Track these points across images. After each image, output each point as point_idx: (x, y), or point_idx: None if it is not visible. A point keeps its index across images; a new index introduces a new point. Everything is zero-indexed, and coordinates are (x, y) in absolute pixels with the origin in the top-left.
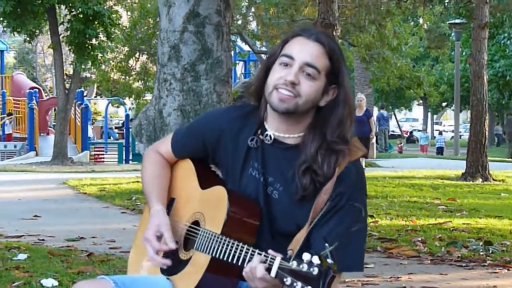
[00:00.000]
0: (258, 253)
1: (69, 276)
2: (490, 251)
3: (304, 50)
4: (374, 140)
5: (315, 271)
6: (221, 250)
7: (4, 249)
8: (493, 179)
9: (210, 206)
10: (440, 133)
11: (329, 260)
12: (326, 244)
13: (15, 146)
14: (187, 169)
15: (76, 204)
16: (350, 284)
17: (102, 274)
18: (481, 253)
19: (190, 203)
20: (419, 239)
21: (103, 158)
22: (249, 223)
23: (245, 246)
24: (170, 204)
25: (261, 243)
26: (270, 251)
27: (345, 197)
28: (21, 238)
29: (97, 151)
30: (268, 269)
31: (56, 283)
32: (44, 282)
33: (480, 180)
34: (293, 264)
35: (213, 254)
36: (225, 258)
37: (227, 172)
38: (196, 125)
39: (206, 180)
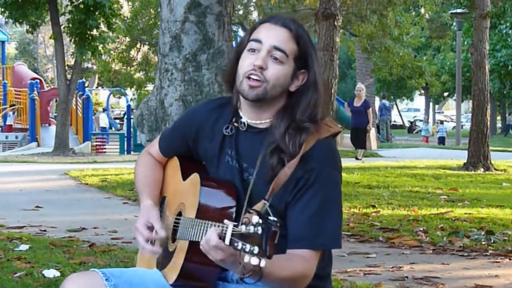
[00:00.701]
0: (213, 225)
1: (71, 266)
2: (492, 241)
3: (271, 35)
4: (373, 131)
5: (259, 230)
6: (196, 234)
7: (5, 240)
8: (495, 169)
9: (188, 194)
10: (442, 122)
11: (270, 218)
12: (265, 201)
13: (16, 137)
14: (174, 166)
15: (78, 194)
16: (352, 273)
17: (104, 264)
18: (483, 243)
19: (176, 196)
20: (421, 229)
21: (105, 148)
22: (224, 207)
23: (217, 224)
24: (163, 202)
25: None
26: (225, 221)
27: (315, 174)
28: (22, 229)
29: (98, 141)
30: (223, 239)
31: (58, 273)
32: (46, 272)
33: (482, 170)
34: (242, 229)
35: (191, 239)
36: (200, 240)
37: (207, 162)
38: (178, 122)
39: (188, 171)
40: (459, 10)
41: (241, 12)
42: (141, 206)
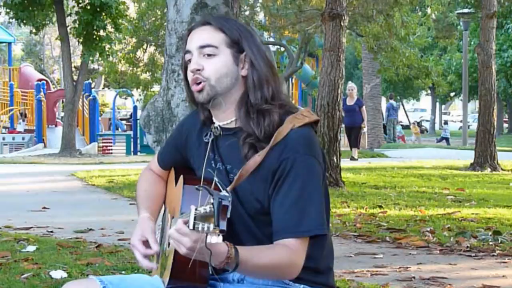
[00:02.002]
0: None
1: (78, 267)
2: (499, 241)
3: (194, 39)
4: (365, 130)
5: (212, 207)
6: None
7: (13, 241)
8: (502, 169)
9: (177, 197)
10: (446, 122)
11: (222, 193)
12: (215, 178)
13: (23, 138)
14: (171, 177)
15: (85, 195)
16: (359, 274)
17: (111, 265)
18: (490, 243)
19: (171, 203)
20: (428, 229)
21: (111, 149)
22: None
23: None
24: (164, 213)
25: (238, 228)
26: (192, 206)
27: (290, 163)
28: (29, 230)
29: (105, 142)
30: (186, 222)
31: (65, 274)
32: (53, 273)
33: (489, 170)
34: (201, 210)
35: None
36: None
37: (197, 169)
38: (171, 135)
39: (178, 177)
40: (465, 10)
41: (247, 13)
42: (138, 219)
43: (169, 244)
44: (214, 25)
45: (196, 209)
